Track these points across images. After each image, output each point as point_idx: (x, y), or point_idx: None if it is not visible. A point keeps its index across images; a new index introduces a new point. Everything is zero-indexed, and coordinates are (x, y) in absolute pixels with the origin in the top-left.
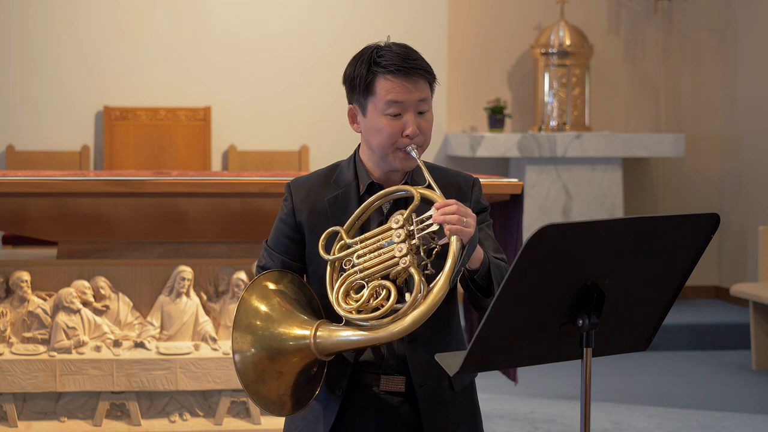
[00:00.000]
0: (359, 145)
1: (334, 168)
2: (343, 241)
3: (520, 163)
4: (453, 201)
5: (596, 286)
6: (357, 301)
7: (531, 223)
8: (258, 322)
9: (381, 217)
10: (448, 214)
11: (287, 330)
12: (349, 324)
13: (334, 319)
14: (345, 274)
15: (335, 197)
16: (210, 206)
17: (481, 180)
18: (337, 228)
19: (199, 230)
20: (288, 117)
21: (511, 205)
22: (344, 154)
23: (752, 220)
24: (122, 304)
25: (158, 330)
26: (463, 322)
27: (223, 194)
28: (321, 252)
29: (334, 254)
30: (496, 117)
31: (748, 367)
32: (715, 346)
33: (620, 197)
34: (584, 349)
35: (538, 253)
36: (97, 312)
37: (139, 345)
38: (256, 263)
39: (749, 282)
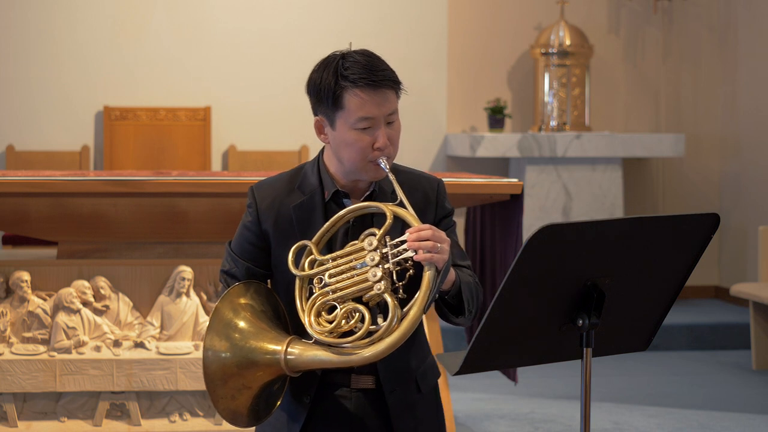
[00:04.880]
0: (323, 149)
1: (298, 172)
2: (312, 256)
3: (520, 163)
4: (427, 226)
5: (596, 286)
6: (330, 323)
7: (531, 223)
8: (231, 336)
9: (347, 225)
10: (422, 240)
11: (258, 344)
12: (320, 343)
13: (300, 326)
14: (316, 294)
15: (300, 204)
16: (210, 206)
17: (479, 180)
18: (307, 242)
19: (199, 230)
20: (288, 117)
21: (511, 205)
22: None
23: (752, 220)
24: (122, 304)
25: (158, 330)
26: None
27: (223, 194)
28: (291, 267)
29: (304, 269)
30: (496, 117)
31: (748, 367)
32: (715, 346)
33: (620, 197)
34: (584, 349)
35: (538, 253)
36: (97, 312)
37: (139, 345)
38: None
39: (749, 282)
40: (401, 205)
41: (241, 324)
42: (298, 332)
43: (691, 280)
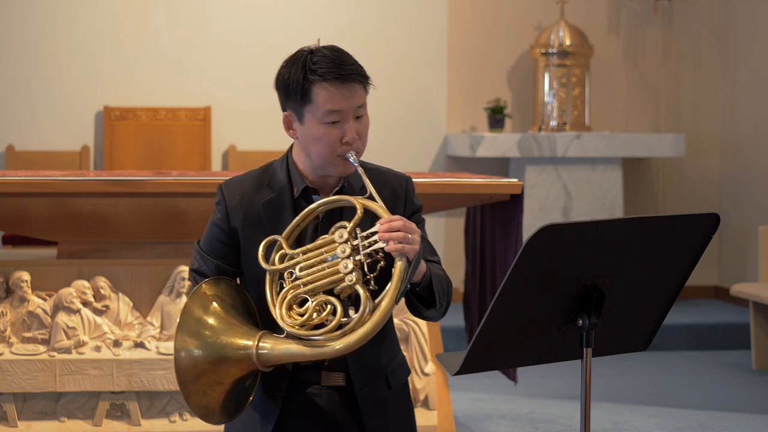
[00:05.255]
0: (291, 145)
1: (267, 169)
2: (282, 251)
3: (520, 163)
4: (398, 217)
5: (596, 286)
6: (301, 315)
7: (531, 223)
8: (202, 332)
9: (316, 221)
10: (393, 231)
11: (230, 340)
12: (292, 336)
13: (270, 323)
14: (287, 288)
15: (269, 201)
16: (210, 206)
17: (479, 180)
18: (277, 237)
19: (199, 230)
20: None
21: (511, 205)
22: None
23: (752, 220)
24: (122, 304)
25: (158, 330)
26: (462, 322)
27: None
28: (261, 261)
29: (274, 264)
30: (496, 117)
31: (748, 367)
32: (715, 346)
33: (620, 197)
34: (584, 349)
35: (538, 253)
36: (97, 312)
37: (139, 345)
38: (189, 266)
39: (749, 282)
40: (371, 198)
41: (212, 320)
42: (269, 329)
43: (691, 280)
